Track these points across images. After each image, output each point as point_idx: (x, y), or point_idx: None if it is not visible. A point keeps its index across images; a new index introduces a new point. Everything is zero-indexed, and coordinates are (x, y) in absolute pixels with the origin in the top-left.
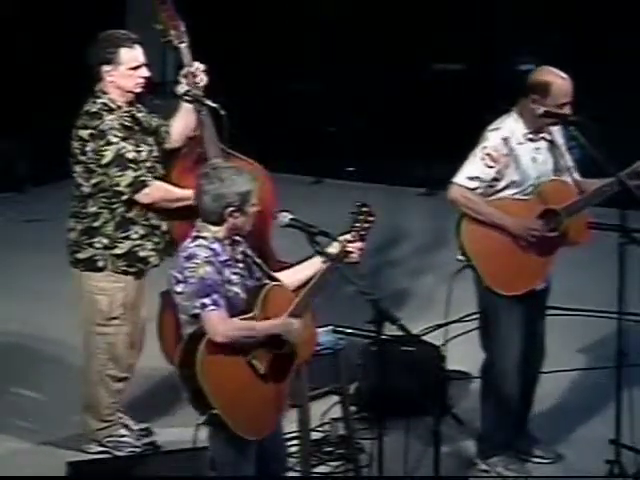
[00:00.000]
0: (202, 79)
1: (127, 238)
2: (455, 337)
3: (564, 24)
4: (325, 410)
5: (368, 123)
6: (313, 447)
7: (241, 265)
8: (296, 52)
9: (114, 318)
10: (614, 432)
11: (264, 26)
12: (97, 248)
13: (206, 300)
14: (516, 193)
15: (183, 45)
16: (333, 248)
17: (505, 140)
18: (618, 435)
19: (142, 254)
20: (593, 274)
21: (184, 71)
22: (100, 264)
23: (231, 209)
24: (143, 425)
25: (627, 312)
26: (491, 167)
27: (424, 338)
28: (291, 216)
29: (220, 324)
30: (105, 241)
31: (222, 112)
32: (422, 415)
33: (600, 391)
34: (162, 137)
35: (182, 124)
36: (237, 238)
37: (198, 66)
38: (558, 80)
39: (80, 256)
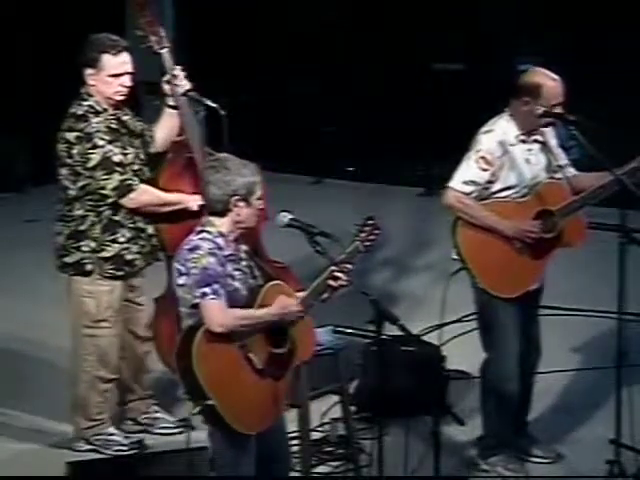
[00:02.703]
0: (184, 85)
1: (114, 241)
2: (454, 337)
3: (564, 24)
4: (325, 410)
5: (368, 123)
6: (313, 447)
7: (244, 263)
8: (296, 52)
9: (102, 320)
10: (614, 432)
11: (264, 26)
12: (84, 251)
13: (207, 289)
14: (512, 195)
15: (164, 51)
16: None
17: (499, 142)
18: (618, 435)
19: (129, 257)
20: (593, 274)
21: (166, 77)
22: (88, 267)
23: (236, 198)
24: (181, 417)
25: (627, 312)
26: (485, 170)
27: (424, 338)
28: (291, 216)
29: (219, 314)
30: (92, 244)
31: (222, 112)
32: (422, 415)
33: (600, 391)
34: (146, 142)
35: (165, 129)
36: (240, 239)
37: (179, 71)
38: (549, 82)
39: (68, 260)
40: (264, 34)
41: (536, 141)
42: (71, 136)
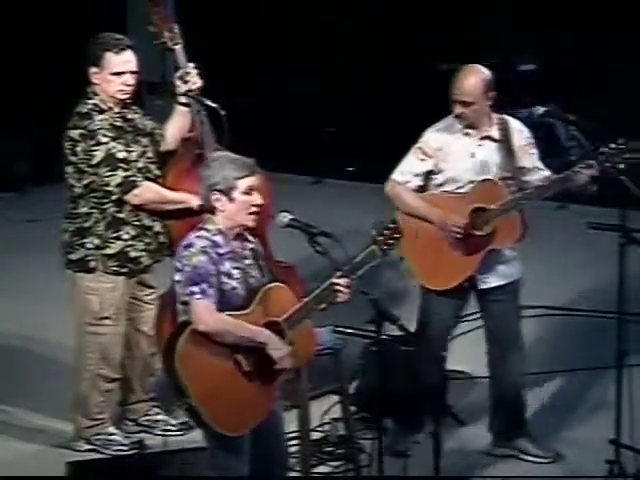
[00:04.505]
0: (196, 82)
1: (118, 238)
2: (454, 337)
3: (564, 24)
4: (325, 410)
5: (368, 123)
6: (313, 447)
7: (247, 262)
8: (296, 52)
9: (106, 318)
10: (614, 432)
11: (264, 26)
12: (89, 248)
13: (195, 288)
14: (458, 188)
15: (177, 47)
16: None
17: (439, 135)
18: (618, 435)
19: (133, 254)
20: (593, 274)
21: (179, 73)
22: (92, 264)
23: (215, 192)
24: (182, 419)
25: (627, 312)
26: (423, 160)
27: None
28: (291, 216)
29: (205, 314)
30: (96, 241)
31: (222, 112)
32: (422, 415)
33: (600, 391)
34: (157, 140)
35: (176, 127)
36: (247, 235)
37: (192, 68)
38: (460, 76)
39: (73, 257)
40: (264, 34)
41: (489, 138)
42: (75, 134)
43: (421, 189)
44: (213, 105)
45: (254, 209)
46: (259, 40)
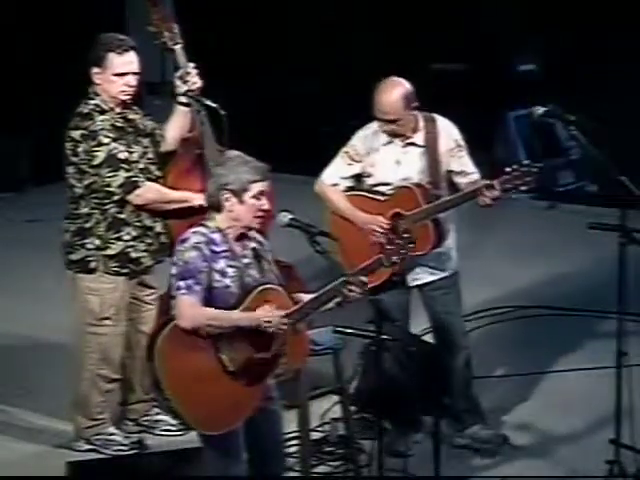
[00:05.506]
0: (196, 82)
1: (119, 239)
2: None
3: (564, 24)
4: (325, 410)
5: (368, 123)
6: (313, 447)
7: (246, 261)
8: (296, 52)
9: (106, 318)
10: (614, 432)
11: (264, 26)
12: (89, 249)
13: (182, 283)
14: (388, 190)
15: (178, 47)
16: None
17: (365, 141)
18: (618, 435)
19: (134, 255)
20: (593, 274)
21: (179, 73)
22: (92, 265)
23: (226, 192)
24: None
25: (627, 312)
26: (350, 165)
27: (424, 338)
28: (291, 216)
29: (187, 310)
30: (97, 242)
31: (222, 112)
32: (422, 415)
33: (600, 391)
34: (157, 140)
35: (176, 127)
36: (251, 234)
37: (192, 68)
38: (378, 91)
39: (73, 257)
40: (264, 34)
41: (413, 144)
42: (77, 134)
43: (350, 189)
44: (213, 105)
45: (260, 213)
46: (259, 40)
